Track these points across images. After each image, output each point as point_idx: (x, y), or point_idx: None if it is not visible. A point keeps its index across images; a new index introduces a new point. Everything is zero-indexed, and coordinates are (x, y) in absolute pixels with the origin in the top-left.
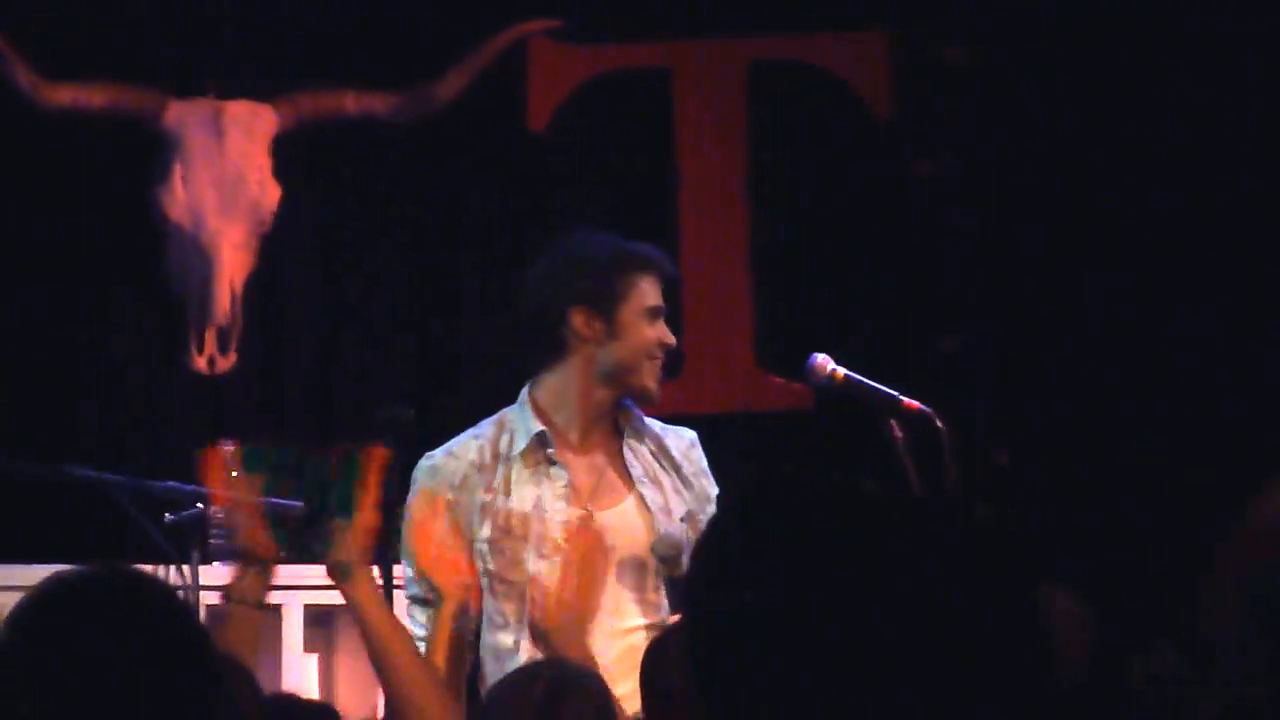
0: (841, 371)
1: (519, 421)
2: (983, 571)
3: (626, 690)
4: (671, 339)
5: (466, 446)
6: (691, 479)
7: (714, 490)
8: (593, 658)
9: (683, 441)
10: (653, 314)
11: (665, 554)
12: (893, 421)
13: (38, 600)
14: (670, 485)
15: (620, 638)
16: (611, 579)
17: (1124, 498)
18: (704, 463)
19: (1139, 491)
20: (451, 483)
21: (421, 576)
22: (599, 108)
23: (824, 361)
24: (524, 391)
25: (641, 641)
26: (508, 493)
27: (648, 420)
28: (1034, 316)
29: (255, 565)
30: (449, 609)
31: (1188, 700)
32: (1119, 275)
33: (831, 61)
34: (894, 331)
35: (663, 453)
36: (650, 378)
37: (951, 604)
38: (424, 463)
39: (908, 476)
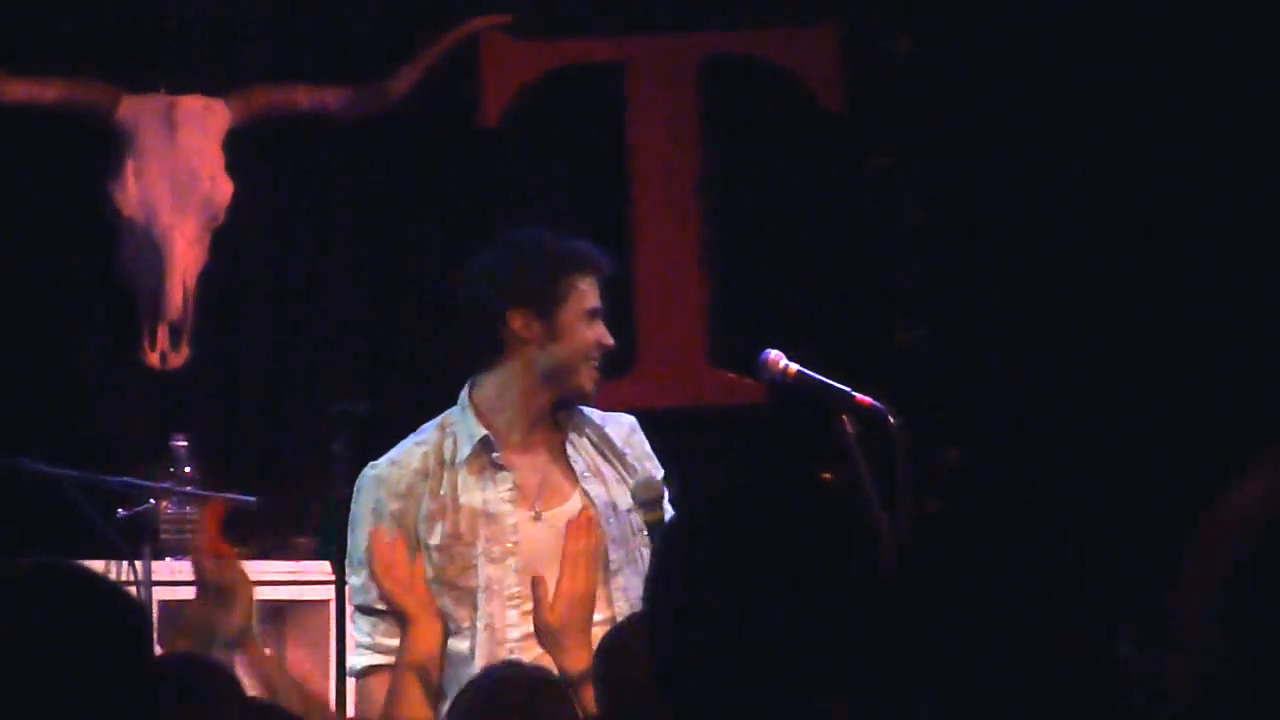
0: (794, 367)
1: (461, 426)
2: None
3: None
4: (610, 341)
5: (410, 454)
6: (635, 464)
7: (659, 473)
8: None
9: (623, 428)
10: (592, 315)
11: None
12: (845, 417)
13: None
14: (614, 477)
15: None
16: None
17: (1078, 494)
18: (646, 446)
19: (1093, 487)
20: (397, 491)
21: (389, 601)
22: (552, 103)
23: (776, 357)
24: (464, 393)
25: (598, 635)
26: (455, 499)
27: (587, 411)
28: (988, 312)
29: (212, 594)
30: (421, 632)
31: (1156, 688)
32: (1074, 268)
33: (783, 56)
34: (847, 327)
35: (605, 442)
36: (588, 379)
37: (911, 598)
38: (368, 472)
39: (859, 473)
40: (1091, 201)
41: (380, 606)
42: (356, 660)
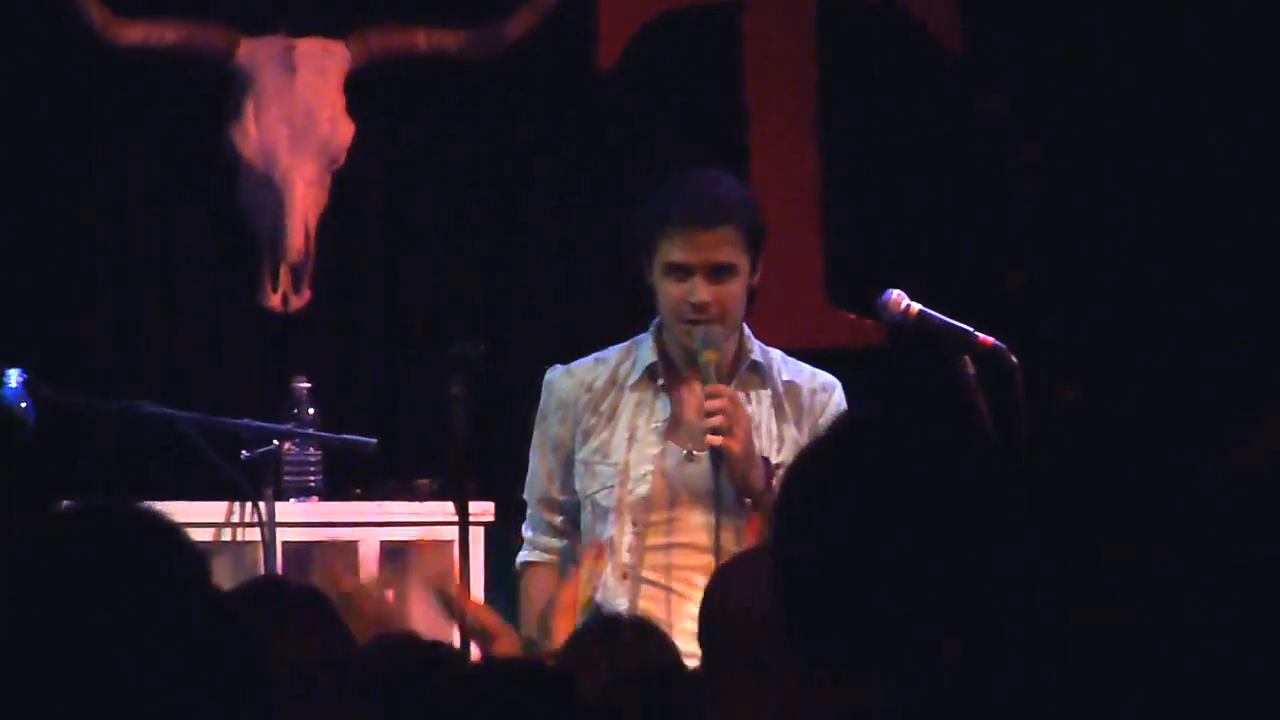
0: (916, 307)
1: (642, 349)
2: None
3: None
4: (697, 297)
5: (587, 369)
6: (817, 423)
7: None
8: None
9: (814, 384)
10: (673, 271)
11: None
12: (966, 358)
13: (35, 539)
14: (774, 436)
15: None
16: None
17: (1194, 428)
18: (831, 410)
19: (1210, 422)
20: (559, 399)
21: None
22: (668, 45)
23: (899, 297)
24: (656, 320)
25: None
26: (613, 418)
27: (778, 362)
28: (1102, 251)
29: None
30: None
31: None
32: (1187, 207)
33: None
34: (961, 267)
35: (790, 397)
36: (682, 335)
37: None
38: (548, 374)
39: (979, 412)
40: (1209, 137)
41: (543, 503)
42: (519, 555)
